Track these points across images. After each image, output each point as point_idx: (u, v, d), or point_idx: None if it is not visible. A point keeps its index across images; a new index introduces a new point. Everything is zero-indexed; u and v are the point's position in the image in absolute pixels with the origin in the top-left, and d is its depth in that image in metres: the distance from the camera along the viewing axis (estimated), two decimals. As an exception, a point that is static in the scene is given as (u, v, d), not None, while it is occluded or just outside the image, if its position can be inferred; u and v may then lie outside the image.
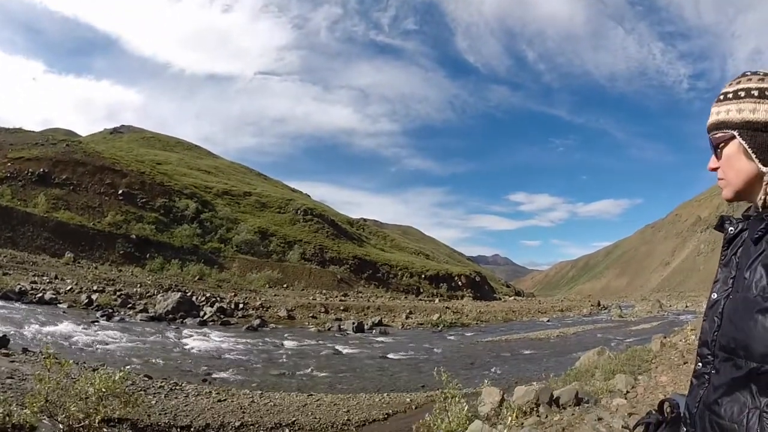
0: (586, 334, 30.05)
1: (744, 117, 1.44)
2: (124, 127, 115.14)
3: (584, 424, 6.27)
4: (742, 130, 1.44)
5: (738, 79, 1.50)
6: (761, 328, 1.26)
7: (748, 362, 1.29)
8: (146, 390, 10.50)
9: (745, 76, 1.50)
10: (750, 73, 1.49)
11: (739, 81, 1.49)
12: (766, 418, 1.23)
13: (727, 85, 1.51)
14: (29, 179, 48.38)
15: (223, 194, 66.22)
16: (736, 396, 1.32)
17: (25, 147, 53.80)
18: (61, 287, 26.87)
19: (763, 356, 1.26)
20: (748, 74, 1.50)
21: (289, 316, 30.54)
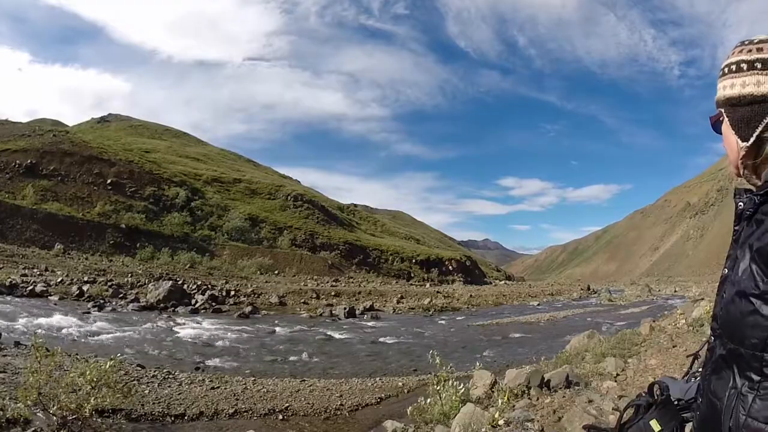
0: (576, 318, 30.26)
1: (725, 94, 1.46)
2: (112, 116, 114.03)
3: (575, 406, 6.33)
4: (726, 107, 1.46)
5: (729, 54, 1.50)
6: (738, 311, 1.28)
7: (729, 342, 1.32)
8: (139, 379, 10.52)
9: (736, 48, 1.49)
10: (739, 45, 1.49)
11: (728, 56, 1.49)
12: (742, 402, 1.25)
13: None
14: (17, 171, 48.04)
15: (213, 181, 65.96)
16: (722, 374, 1.34)
17: (11, 138, 53.35)
18: (51, 279, 26.76)
19: (740, 339, 1.28)
20: (738, 46, 1.49)
21: (280, 303, 30.60)
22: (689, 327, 12.71)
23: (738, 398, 1.27)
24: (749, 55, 1.43)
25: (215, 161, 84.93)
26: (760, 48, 1.42)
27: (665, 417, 1.71)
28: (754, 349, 1.24)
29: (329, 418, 9.70)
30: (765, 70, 1.39)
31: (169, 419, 8.78)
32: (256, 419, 9.34)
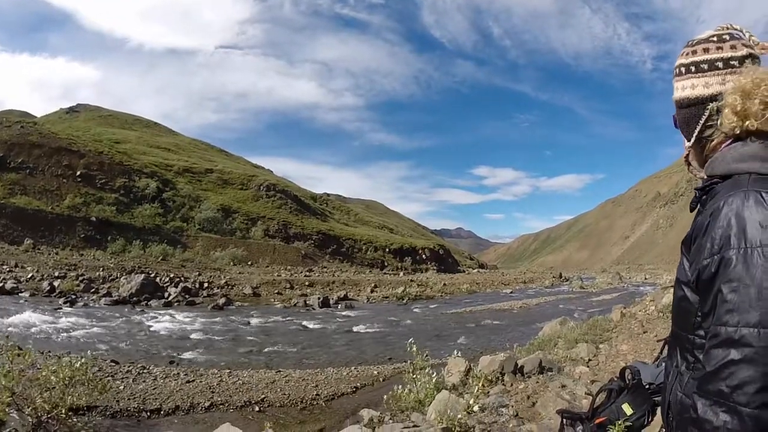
0: (549, 305, 30.64)
1: (673, 96, 1.53)
2: (81, 106, 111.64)
3: (548, 391, 6.44)
4: (675, 108, 1.53)
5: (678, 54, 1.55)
6: (675, 297, 1.39)
7: (673, 326, 1.44)
8: (113, 375, 10.44)
9: (683, 49, 1.53)
10: (684, 46, 1.53)
11: (678, 58, 1.54)
12: (680, 380, 1.35)
13: None
14: (-17, 165, 46.96)
15: (184, 172, 65.16)
16: (671, 355, 1.46)
17: (-23, 131, 52.10)
18: (21, 275, 26.38)
19: (677, 323, 1.39)
20: (683, 47, 1.54)
21: (254, 294, 30.50)
22: (659, 313, 12.96)
23: (677, 377, 1.37)
24: (686, 59, 1.49)
25: (187, 151, 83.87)
26: (695, 50, 1.48)
27: (637, 400, 1.77)
28: (686, 331, 1.33)
29: (305, 408, 9.74)
30: (698, 73, 1.45)
31: (145, 414, 8.74)
32: (233, 411, 9.34)
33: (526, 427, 5.49)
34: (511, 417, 5.84)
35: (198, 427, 8.48)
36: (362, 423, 6.53)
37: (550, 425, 5.31)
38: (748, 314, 1.10)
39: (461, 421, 5.52)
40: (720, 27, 1.49)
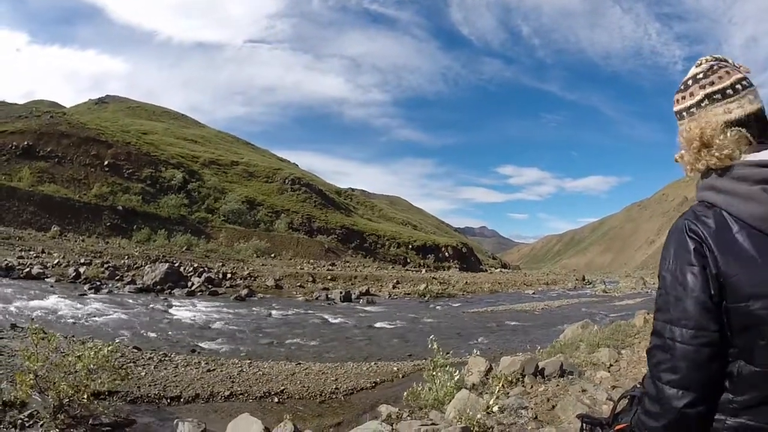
0: (571, 308, 30.34)
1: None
2: (109, 97, 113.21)
3: (568, 395, 6.39)
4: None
5: None
6: None
7: None
8: (135, 362, 10.55)
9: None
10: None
11: None
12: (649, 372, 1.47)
13: None
14: (13, 153, 47.87)
15: (210, 164, 65.77)
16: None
17: (8, 120, 53.24)
18: (48, 261, 26.78)
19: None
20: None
21: (276, 286, 30.65)
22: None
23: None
24: (686, 75, 1.58)
25: (213, 143, 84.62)
26: (696, 65, 1.58)
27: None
28: None
29: (324, 402, 9.76)
30: (681, 90, 1.57)
31: (165, 401, 8.82)
32: (252, 402, 9.39)
33: (545, 430, 5.45)
34: (530, 419, 5.80)
35: (217, 415, 8.53)
36: (380, 418, 6.53)
37: (570, 429, 5.27)
38: (664, 313, 1.40)
39: (480, 421, 5.49)
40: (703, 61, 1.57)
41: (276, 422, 6.96)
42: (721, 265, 1.31)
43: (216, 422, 7.84)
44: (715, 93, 1.46)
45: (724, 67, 1.49)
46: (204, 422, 7.41)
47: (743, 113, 1.41)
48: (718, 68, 1.49)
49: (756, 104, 1.42)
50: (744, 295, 1.27)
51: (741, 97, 1.43)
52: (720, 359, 1.31)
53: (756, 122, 1.42)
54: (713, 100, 1.46)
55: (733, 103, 1.43)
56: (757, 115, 1.42)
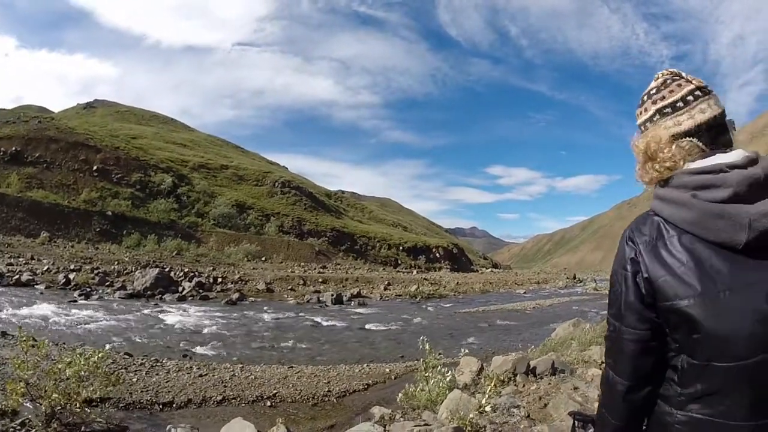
0: (562, 306, 30.46)
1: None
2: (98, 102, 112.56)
3: (560, 393, 6.41)
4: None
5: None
6: None
7: None
8: (127, 368, 10.50)
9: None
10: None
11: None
12: None
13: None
14: (1, 159, 47.75)
15: (200, 168, 65.58)
16: None
17: (-4, 126, 52.81)
18: (37, 268, 26.64)
19: None
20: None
21: (267, 289, 30.59)
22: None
23: None
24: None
25: (202, 147, 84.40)
26: (654, 80, 1.62)
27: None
28: None
29: (317, 404, 9.75)
30: (639, 106, 1.62)
31: (157, 407, 8.79)
32: (245, 406, 9.37)
33: (537, 429, 5.47)
34: (522, 418, 5.82)
35: (210, 420, 8.52)
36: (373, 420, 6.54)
37: (562, 427, 5.29)
38: (610, 308, 1.54)
39: (473, 420, 5.51)
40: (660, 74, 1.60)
41: (269, 426, 6.97)
42: (650, 269, 1.41)
43: (209, 427, 7.83)
44: (665, 107, 1.51)
45: (676, 80, 1.53)
46: (197, 427, 7.40)
47: (693, 124, 1.46)
48: (671, 82, 1.54)
49: (708, 113, 1.46)
50: (672, 295, 1.35)
51: (691, 108, 1.47)
52: (652, 354, 1.43)
53: (708, 131, 1.46)
54: (663, 114, 1.51)
55: (683, 115, 1.47)
56: (708, 123, 1.46)
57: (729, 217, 1.30)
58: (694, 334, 1.32)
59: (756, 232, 1.26)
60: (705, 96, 1.48)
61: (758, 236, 1.26)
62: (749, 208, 1.28)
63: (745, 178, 1.31)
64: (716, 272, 1.30)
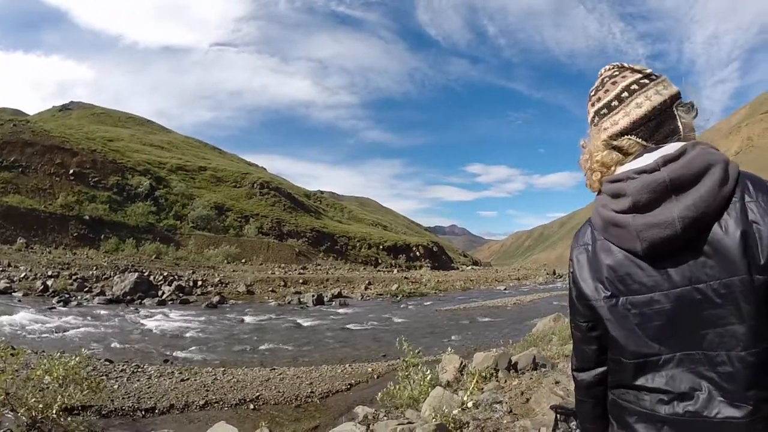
0: (543, 302, 30.65)
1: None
2: (74, 104, 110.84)
3: (542, 387, 6.48)
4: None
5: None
6: None
7: None
8: (108, 374, 10.43)
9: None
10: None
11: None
12: None
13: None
14: (-25, 164, 46.77)
15: (178, 170, 64.91)
16: None
17: (-30, 129, 51.87)
18: (14, 275, 26.25)
19: None
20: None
21: (248, 292, 30.46)
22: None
23: None
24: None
25: (180, 149, 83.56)
26: (606, 90, 1.53)
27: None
28: None
29: (300, 406, 9.76)
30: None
31: (139, 413, 8.75)
32: (227, 409, 9.35)
33: (520, 423, 5.53)
34: (505, 413, 5.87)
35: (193, 425, 8.49)
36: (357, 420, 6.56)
37: (544, 421, 5.34)
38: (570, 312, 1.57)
39: (455, 417, 5.55)
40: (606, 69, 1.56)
41: (252, 429, 6.97)
42: (576, 271, 1.50)
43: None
44: (601, 109, 1.48)
45: (614, 77, 1.49)
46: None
47: (629, 121, 1.41)
48: (608, 80, 1.50)
49: (645, 107, 1.41)
50: (588, 295, 1.44)
51: (626, 105, 1.43)
52: (590, 343, 1.50)
53: (645, 124, 1.41)
54: (601, 115, 1.48)
55: (619, 113, 1.44)
56: (646, 117, 1.40)
57: (623, 226, 1.33)
58: (610, 332, 1.40)
59: (646, 242, 1.28)
60: (643, 87, 1.43)
61: (648, 247, 1.28)
62: (638, 219, 1.30)
63: (644, 186, 1.29)
64: (626, 275, 1.34)
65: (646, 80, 1.43)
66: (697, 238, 1.25)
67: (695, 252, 1.26)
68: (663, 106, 1.40)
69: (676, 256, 1.28)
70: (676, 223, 1.24)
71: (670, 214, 1.25)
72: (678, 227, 1.24)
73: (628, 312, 1.33)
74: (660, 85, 1.43)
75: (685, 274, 1.26)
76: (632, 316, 1.33)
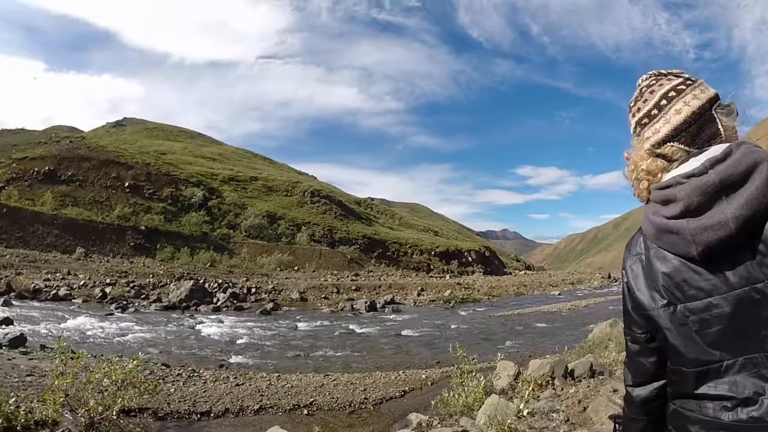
0: (598, 307, 29.98)
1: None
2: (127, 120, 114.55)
3: (600, 395, 6.30)
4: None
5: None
6: None
7: None
8: (164, 378, 10.61)
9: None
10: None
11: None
12: None
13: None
14: (35, 178, 48.83)
15: (230, 180, 66.29)
16: None
17: (28, 147, 54.43)
18: (74, 283, 27.17)
19: None
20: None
21: (301, 298, 30.73)
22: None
23: None
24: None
25: (231, 160, 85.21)
26: (652, 90, 1.51)
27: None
28: None
29: (354, 412, 9.74)
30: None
31: (195, 417, 8.86)
32: (282, 415, 9.39)
33: (577, 432, 5.38)
34: (561, 422, 5.73)
35: (247, 429, 8.55)
36: (411, 427, 6.51)
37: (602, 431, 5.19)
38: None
39: (512, 425, 5.44)
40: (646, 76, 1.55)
41: (306, 434, 6.96)
42: (630, 281, 1.46)
43: (246, 436, 7.85)
44: (642, 119, 1.49)
45: (651, 87, 1.49)
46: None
47: (670, 128, 1.42)
48: (646, 89, 1.50)
49: (684, 112, 1.40)
50: (645, 304, 1.41)
51: (666, 113, 1.43)
52: (648, 355, 1.46)
53: (686, 130, 1.41)
54: (642, 125, 1.48)
55: (659, 122, 1.44)
56: (686, 122, 1.40)
57: (676, 232, 1.31)
58: (667, 341, 1.37)
59: (701, 246, 1.26)
60: (681, 93, 1.43)
61: (704, 250, 1.26)
62: (691, 223, 1.28)
63: (694, 190, 1.28)
64: (683, 282, 1.32)
65: (683, 86, 1.44)
66: (751, 237, 1.22)
67: (751, 251, 1.23)
68: (702, 110, 1.40)
69: (731, 258, 1.25)
70: (730, 224, 1.22)
71: (724, 215, 1.23)
72: (732, 227, 1.22)
73: (687, 319, 1.31)
74: (697, 89, 1.43)
75: (743, 275, 1.24)
76: (691, 323, 1.30)
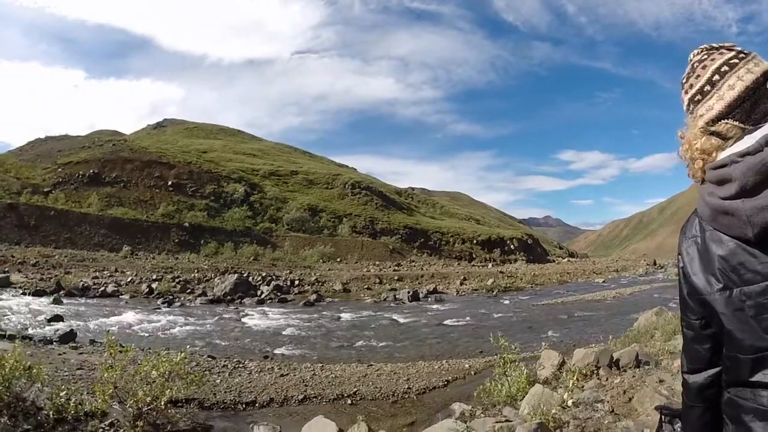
0: (643, 295, 29.49)
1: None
2: (167, 121, 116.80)
3: (645, 386, 6.18)
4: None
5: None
6: None
7: None
8: (210, 370, 10.82)
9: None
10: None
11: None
12: None
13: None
14: (81, 181, 50.39)
15: (270, 175, 67.02)
16: None
17: (73, 151, 56.24)
18: (121, 279, 27.85)
19: None
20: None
21: (344, 290, 30.89)
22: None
23: None
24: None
25: (271, 155, 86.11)
26: (705, 66, 1.44)
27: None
28: None
29: (397, 402, 9.77)
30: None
31: (240, 407, 9.01)
32: (325, 404, 9.48)
33: (622, 424, 5.29)
34: (606, 413, 5.65)
35: (291, 418, 8.65)
36: (454, 416, 6.50)
37: (648, 422, 5.10)
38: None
39: (555, 416, 5.39)
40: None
41: (350, 423, 7.01)
42: (686, 265, 1.43)
43: (291, 425, 7.94)
44: (695, 96, 1.42)
45: (703, 61, 1.42)
46: (279, 425, 7.53)
47: (724, 105, 1.34)
48: (698, 65, 1.43)
49: (738, 87, 1.33)
50: (701, 289, 1.37)
51: (719, 89, 1.35)
52: (703, 342, 1.43)
53: (740, 106, 1.33)
54: (695, 102, 1.42)
55: (713, 98, 1.37)
56: (741, 98, 1.32)
57: (732, 213, 1.26)
58: (724, 327, 1.33)
59: (758, 227, 1.20)
60: (733, 68, 1.35)
61: (760, 232, 1.20)
62: (746, 203, 1.22)
63: (750, 168, 1.22)
64: (739, 265, 1.27)
65: (736, 60, 1.36)
66: None
67: None
68: (756, 84, 1.32)
69: None
70: None
71: None
72: None
73: (743, 304, 1.25)
74: (751, 62, 1.35)
75: None
76: (747, 308, 1.24)
